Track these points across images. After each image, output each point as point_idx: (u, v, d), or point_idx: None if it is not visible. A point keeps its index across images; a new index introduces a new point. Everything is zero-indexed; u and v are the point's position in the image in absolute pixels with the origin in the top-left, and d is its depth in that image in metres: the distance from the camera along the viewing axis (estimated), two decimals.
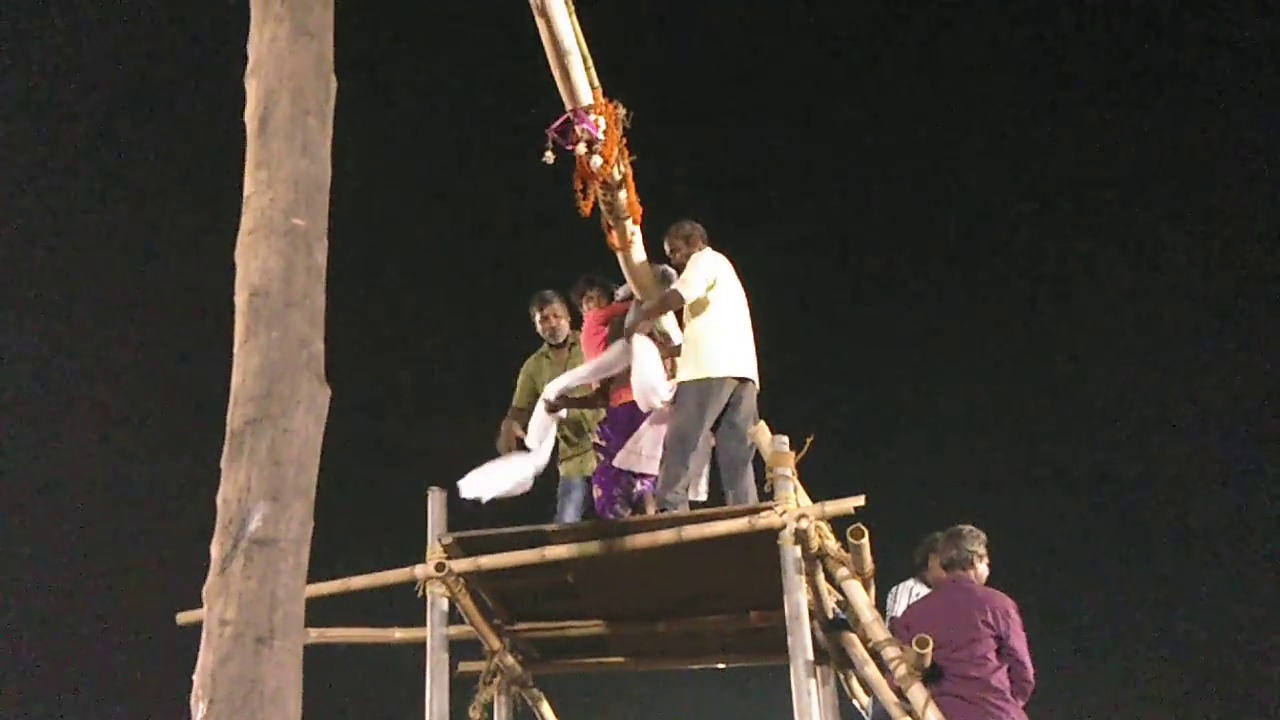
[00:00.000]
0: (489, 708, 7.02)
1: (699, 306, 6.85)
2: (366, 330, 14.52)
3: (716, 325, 6.83)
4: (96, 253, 14.65)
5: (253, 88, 3.62)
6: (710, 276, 6.86)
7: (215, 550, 3.13)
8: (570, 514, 7.26)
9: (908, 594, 6.89)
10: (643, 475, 7.01)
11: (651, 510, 6.85)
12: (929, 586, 6.72)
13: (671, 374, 7.00)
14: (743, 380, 6.77)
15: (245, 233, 3.47)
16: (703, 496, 6.82)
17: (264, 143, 3.53)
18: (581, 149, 6.07)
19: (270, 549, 3.09)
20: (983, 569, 6.27)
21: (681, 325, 7.09)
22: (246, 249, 3.45)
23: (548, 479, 7.36)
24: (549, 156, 5.98)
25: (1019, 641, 5.92)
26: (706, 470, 6.86)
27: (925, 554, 6.81)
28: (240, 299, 3.40)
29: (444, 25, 15.37)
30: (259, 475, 3.15)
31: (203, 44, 14.00)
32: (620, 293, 7.44)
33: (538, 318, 7.57)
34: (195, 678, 3.02)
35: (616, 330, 7.22)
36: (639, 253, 7.02)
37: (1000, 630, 5.89)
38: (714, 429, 6.75)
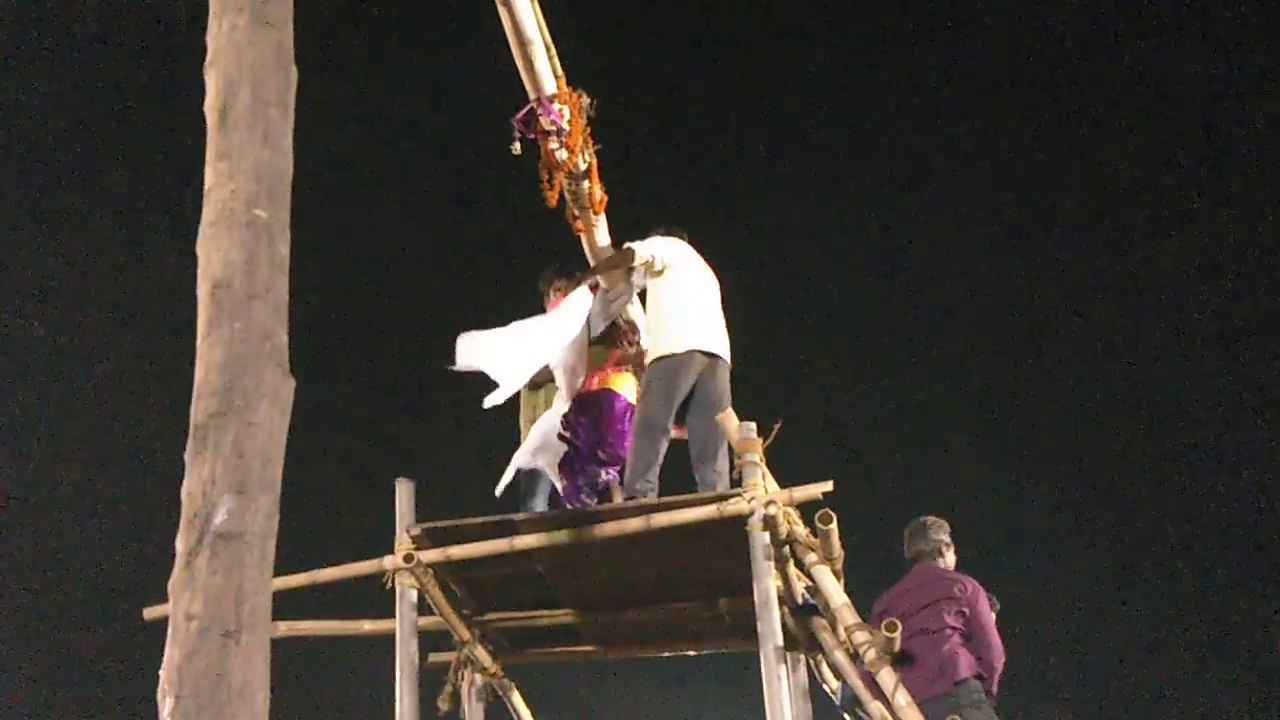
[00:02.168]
0: (456, 695, 7.01)
1: (657, 289, 6.75)
2: (332, 321, 14.46)
3: (676, 303, 6.70)
4: (56, 247, 14.52)
5: (212, 79, 3.59)
6: (663, 252, 6.75)
7: (180, 544, 3.10)
8: (539, 503, 7.23)
9: None
10: (608, 464, 6.98)
11: (618, 499, 6.83)
12: None
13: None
14: (710, 356, 6.64)
15: (207, 225, 3.44)
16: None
17: (224, 134, 3.50)
18: (551, 141, 6.05)
19: (236, 542, 3.07)
20: (950, 558, 6.31)
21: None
22: (208, 241, 3.42)
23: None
24: (516, 148, 5.96)
25: (986, 617, 5.95)
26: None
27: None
28: (202, 291, 3.37)
29: (406, 14, 15.30)
30: (223, 469, 3.13)
31: (162, 35, 13.88)
32: (588, 281, 7.41)
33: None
34: (162, 673, 3.00)
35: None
36: (604, 241, 7.00)
37: (967, 599, 5.92)
38: (683, 411, 6.63)
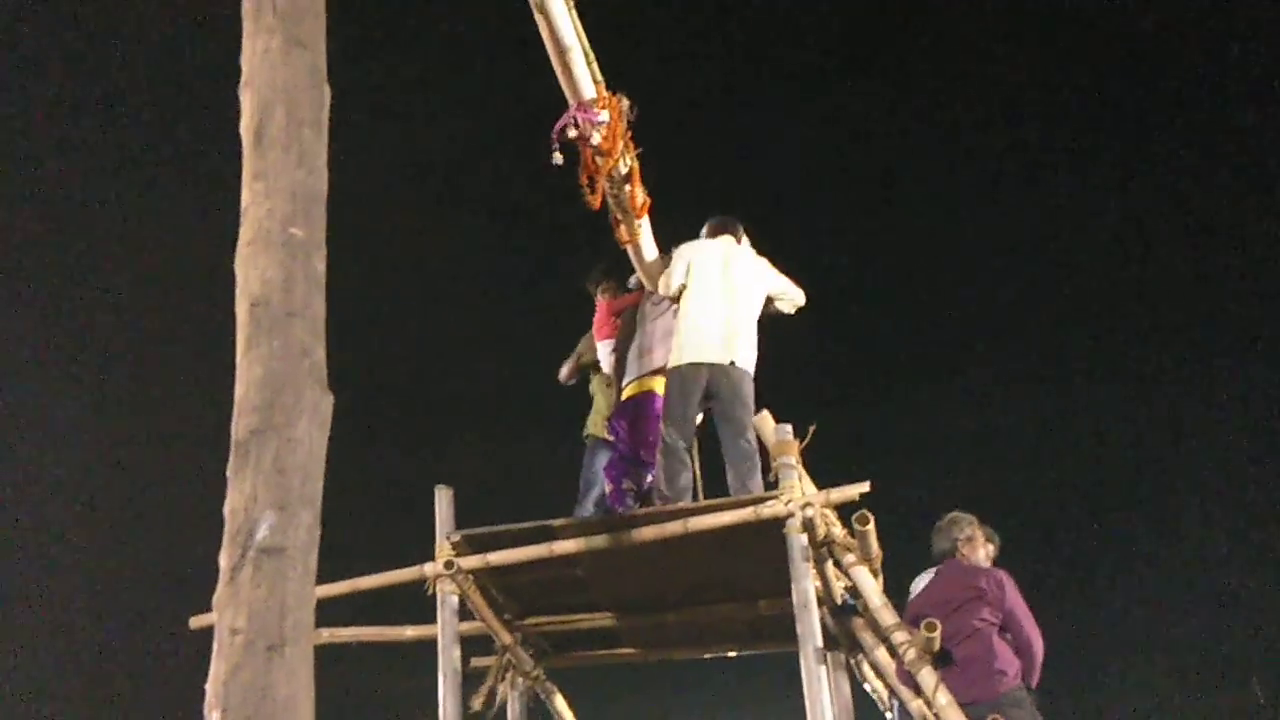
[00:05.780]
0: (489, 698, 7.03)
1: (678, 298, 6.93)
2: (369, 336, 14.55)
3: (682, 315, 6.85)
4: (96, 267, 14.70)
5: (247, 100, 3.63)
6: (683, 264, 6.93)
7: (224, 560, 3.15)
8: (590, 508, 7.24)
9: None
10: (650, 466, 7.02)
11: (658, 504, 6.85)
12: None
13: None
14: (715, 365, 6.68)
15: (244, 244, 3.48)
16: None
17: (260, 154, 3.54)
18: (589, 145, 6.02)
19: (278, 557, 3.11)
20: (980, 553, 6.20)
21: None
22: (245, 260, 3.46)
23: (558, 471, 7.38)
24: (557, 158, 5.92)
25: (1018, 606, 5.84)
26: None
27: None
28: (241, 310, 3.41)
29: (440, 27, 15.36)
30: (265, 484, 3.17)
31: (196, 57, 14.02)
32: (631, 283, 7.48)
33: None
34: (208, 687, 3.05)
35: (628, 321, 7.32)
36: (648, 245, 7.01)
37: (994, 594, 5.82)
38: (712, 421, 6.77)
